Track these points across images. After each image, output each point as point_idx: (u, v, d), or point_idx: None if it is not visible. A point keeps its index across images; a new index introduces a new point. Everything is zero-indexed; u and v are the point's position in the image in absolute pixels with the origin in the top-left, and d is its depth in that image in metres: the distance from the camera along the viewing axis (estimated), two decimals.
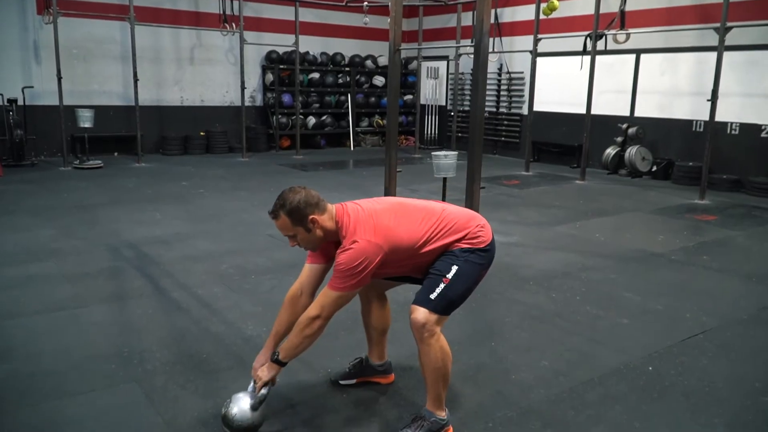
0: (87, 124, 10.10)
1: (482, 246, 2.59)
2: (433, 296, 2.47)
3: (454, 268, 2.51)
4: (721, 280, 4.98)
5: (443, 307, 2.49)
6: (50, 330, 3.66)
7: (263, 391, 2.57)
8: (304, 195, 2.47)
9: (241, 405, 2.53)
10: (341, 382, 3.03)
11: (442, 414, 2.61)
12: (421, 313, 2.46)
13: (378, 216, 2.52)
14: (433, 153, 6.56)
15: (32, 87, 10.51)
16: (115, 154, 11.74)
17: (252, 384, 2.62)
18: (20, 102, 10.19)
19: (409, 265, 2.62)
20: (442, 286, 2.48)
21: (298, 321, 2.55)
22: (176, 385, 3.00)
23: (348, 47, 14.32)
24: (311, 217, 2.46)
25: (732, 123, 9.32)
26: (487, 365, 3.33)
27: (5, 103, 10.00)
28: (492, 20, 11.38)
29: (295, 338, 2.53)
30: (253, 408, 2.53)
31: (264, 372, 2.59)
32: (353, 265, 2.41)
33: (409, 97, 14.77)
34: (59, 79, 9.74)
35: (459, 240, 2.56)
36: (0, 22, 10.35)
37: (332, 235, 2.54)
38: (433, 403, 2.60)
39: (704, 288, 4.76)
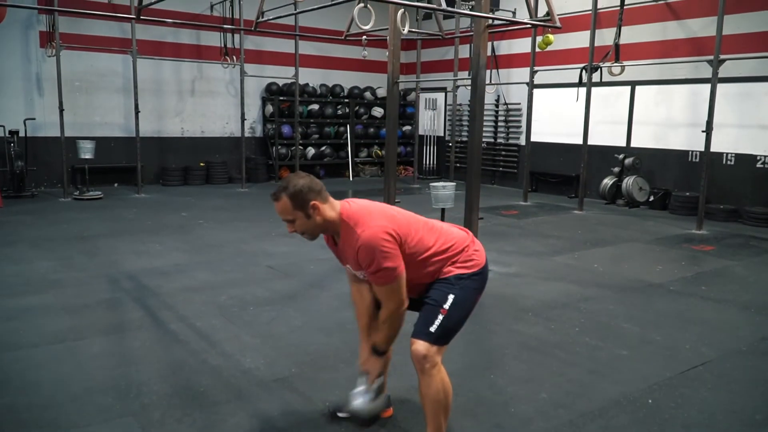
0: (88, 156, 10.16)
1: (476, 269, 2.60)
2: (433, 329, 2.49)
3: (451, 297, 2.52)
4: (719, 310, 4.98)
5: (443, 338, 2.52)
6: (48, 362, 3.65)
7: (378, 380, 2.83)
8: (309, 180, 2.51)
9: (361, 398, 2.85)
10: (339, 414, 3.01)
11: None
12: (422, 346, 2.49)
13: (388, 210, 2.59)
14: (431, 184, 6.61)
15: (34, 119, 10.61)
16: (116, 184, 11.80)
17: (362, 378, 2.87)
18: (22, 134, 10.27)
19: (410, 276, 2.58)
20: (440, 317, 2.50)
21: (383, 320, 2.62)
22: (173, 419, 2.98)
23: (347, 79, 14.49)
24: (313, 202, 2.47)
25: (728, 153, 9.40)
26: (486, 397, 3.31)
27: (7, 135, 10.08)
28: (489, 53, 11.56)
29: (389, 330, 2.65)
30: (374, 397, 2.85)
31: (373, 365, 2.80)
32: (379, 251, 2.41)
33: (407, 127, 14.89)
34: (61, 111, 9.85)
35: (455, 257, 2.58)
36: (3, 54, 10.49)
37: (333, 226, 2.55)
38: None
39: (703, 318, 4.75)
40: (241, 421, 2.97)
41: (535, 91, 10.83)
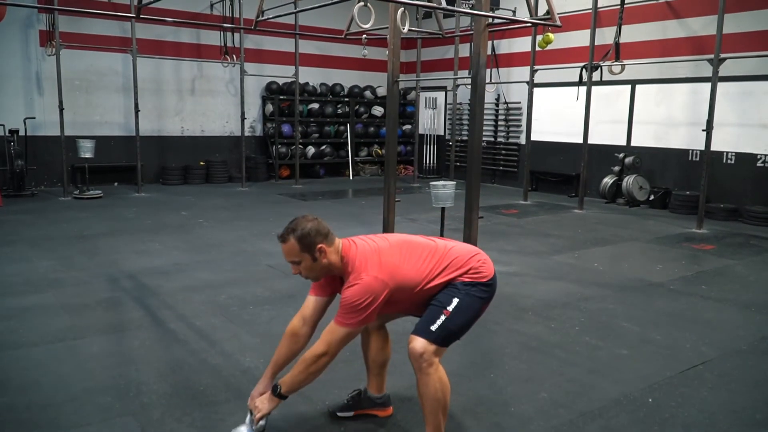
0: (87, 155, 10.15)
1: (484, 280, 2.61)
2: (433, 327, 2.49)
3: (455, 301, 2.53)
4: (720, 309, 4.97)
5: (442, 339, 2.51)
6: (47, 361, 3.65)
7: (261, 422, 2.57)
8: (317, 224, 2.53)
9: None
10: (339, 414, 3.01)
11: None
12: (419, 343, 2.48)
13: (384, 253, 2.55)
14: (431, 183, 6.59)
15: (34, 118, 10.60)
16: (115, 184, 11.79)
17: (249, 415, 2.60)
18: (22, 133, 10.26)
19: (413, 303, 2.64)
20: (442, 318, 2.50)
21: (304, 357, 2.56)
22: (173, 419, 2.98)
23: (347, 78, 14.48)
24: (320, 246, 2.50)
25: (728, 152, 9.39)
26: (486, 397, 3.31)
27: (7, 134, 10.07)
28: (489, 52, 11.55)
29: (300, 374, 2.54)
30: None
31: (263, 403, 2.60)
32: (359, 300, 2.43)
33: (407, 126, 14.88)
34: (61, 110, 9.84)
35: (461, 275, 2.59)
36: (3, 53, 10.48)
37: (336, 269, 2.57)
38: None
39: (703, 318, 4.75)
40: (241, 420, 2.96)
41: (536, 90, 10.83)
